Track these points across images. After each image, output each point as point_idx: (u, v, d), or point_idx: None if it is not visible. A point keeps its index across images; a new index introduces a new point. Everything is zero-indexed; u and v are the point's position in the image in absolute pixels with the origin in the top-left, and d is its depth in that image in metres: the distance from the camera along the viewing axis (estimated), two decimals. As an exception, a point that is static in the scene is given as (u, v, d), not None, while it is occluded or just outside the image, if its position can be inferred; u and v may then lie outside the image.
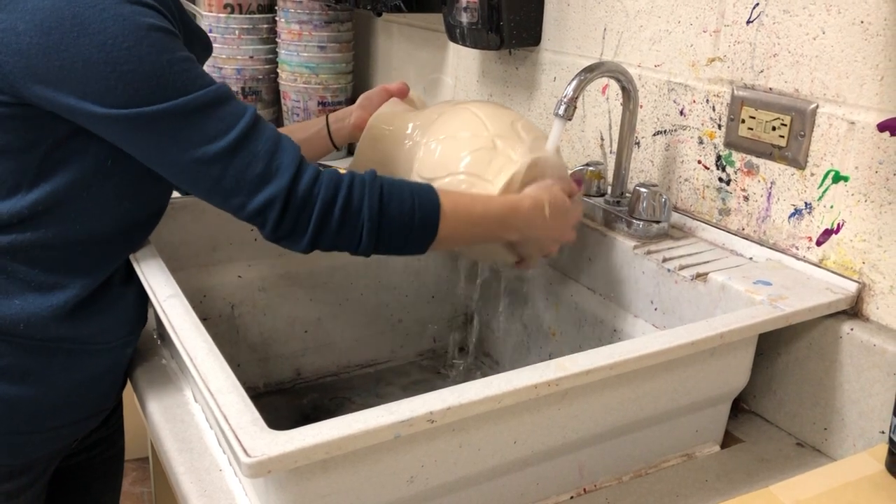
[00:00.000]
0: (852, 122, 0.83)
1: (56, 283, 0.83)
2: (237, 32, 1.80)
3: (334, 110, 1.80)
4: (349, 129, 1.08)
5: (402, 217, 0.80)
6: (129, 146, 0.78)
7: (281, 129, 1.10)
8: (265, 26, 1.82)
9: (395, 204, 0.80)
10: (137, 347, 0.96)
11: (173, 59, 0.75)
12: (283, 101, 1.82)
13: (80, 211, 0.82)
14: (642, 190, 0.99)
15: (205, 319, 0.86)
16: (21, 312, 0.82)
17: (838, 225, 0.86)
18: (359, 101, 1.09)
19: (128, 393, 0.98)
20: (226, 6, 1.78)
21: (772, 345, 0.89)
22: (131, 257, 0.89)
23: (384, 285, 1.20)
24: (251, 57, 1.82)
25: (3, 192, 0.80)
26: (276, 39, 1.79)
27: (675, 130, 1.04)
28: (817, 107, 0.86)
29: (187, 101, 0.75)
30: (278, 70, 1.80)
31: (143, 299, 0.92)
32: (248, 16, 1.80)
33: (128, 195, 0.84)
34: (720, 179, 0.99)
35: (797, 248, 0.91)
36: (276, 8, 1.77)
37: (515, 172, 0.89)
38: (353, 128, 1.08)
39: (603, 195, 1.08)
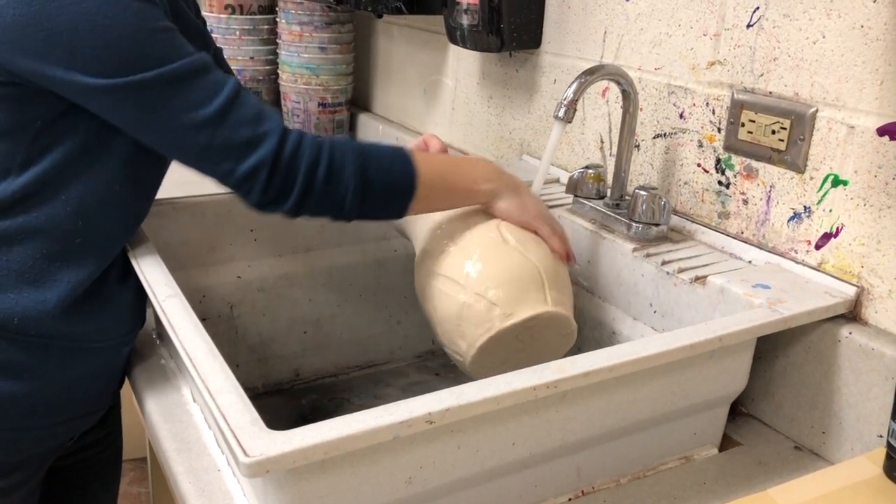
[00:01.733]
0: (852, 127, 0.83)
1: (50, 275, 0.83)
2: (238, 33, 1.80)
3: (335, 111, 1.81)
4: None
5: (382, 177, 0.81)
6: (116, 117, 0.79)
7: None
8: (266, 27, 1.82)
9: (374, 164, 0.81)
10: (136, 347, 0.96)
11: (156, 28, 0.77)
12: (283, 101, 1.82)
13: (70, 195, 0.82)
14: (642, 193, 0.99)
15: (204, 320, 0.86)
16: (15, 306, 0.82)
17: (837, 229, 0.86)
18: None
19: (126, 393, 0.98)
20: (226, 7, 1.78)
21: (770, 348, 0.89)
22: (130, 256, 0.89)
23: (383, 286, 1.20)
24: (252, 58, 1.82)
25: None
26: (277, 40, 1.80)
27: (675, 134, 1.05)
28: (817, 111, 0.86)
29: (171, 69, 0.76)
30: (279, 71, 1.81)
31: (140, 299, 0.92)
32: (248, 17, 1.80)
33: (118, 179, 0.84)
34: (720, 183, 0.99)
35: (796, 252, 0.91)
36: (277, 9, 1.77)
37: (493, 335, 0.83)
38: None
39: (602, 198, 1.08)
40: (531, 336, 0.85)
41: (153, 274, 0.84)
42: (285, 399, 1.13)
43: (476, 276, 0.83)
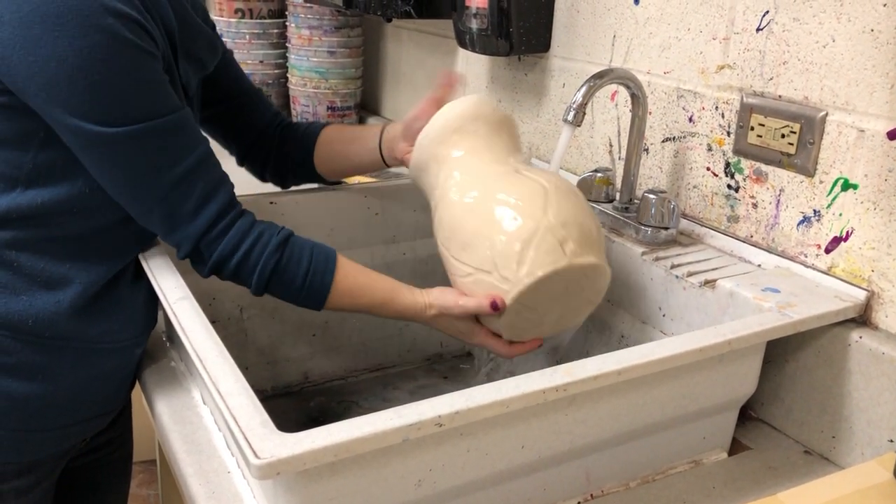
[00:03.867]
0: (862, 130, 0.83)
1: (63, 277, 0.84)
2: (248, 37, 1.81)
3: (344, 115, 1.81)
4: (400, 159, 1.04)
5: (292, 287, 0.86)
6: (81, 156, 0.80)
7: (331, 129, 1.10)
8: (275, 31, 1.83)
9: (288, 275, 0.85)
10: (146, 349, 0.97)
11: (141, 80, 0.77)
12: (292, 105, 1.83)
13: (79, 202, 0.83)
14: (651, 196, 0.99)
15: (214, 322, 0.86)
16: (29, 308, 0.83)
17: (847, 233, 0.86)
18: (402, 129, 1.02)
19: (136, 395, 0.98)
20: (237, 11, 1.79)
21: (780, 352, 0.89)
22: (141, 259, 0.89)
23: (392, 290, 1.21)
24: (261, 61, 1.83)
25: (0, 187, 0.81)
26: (287, 44, 1.80)
27: (684, 137, 1.05)
28: (826, 114, 0.86)
29: (144, 127, 0.77)
30: (288, 75, 1.81)
31: (152, 301, 0.93)
32: (258, 21, 1.81)
33: None
34: (729, 186, 0.99)
35: (806, 256, 0.90)
36: (287, 13, 1.78)
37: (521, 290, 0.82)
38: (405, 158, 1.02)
39: (611, 201, 1.08)
40: (575, 288, 0.85)
41: (164, 276, 0.85)
42: (294, 402, 1.13)
43: (556, 210, 0.83)
